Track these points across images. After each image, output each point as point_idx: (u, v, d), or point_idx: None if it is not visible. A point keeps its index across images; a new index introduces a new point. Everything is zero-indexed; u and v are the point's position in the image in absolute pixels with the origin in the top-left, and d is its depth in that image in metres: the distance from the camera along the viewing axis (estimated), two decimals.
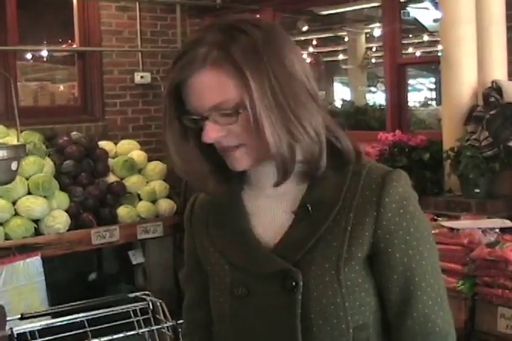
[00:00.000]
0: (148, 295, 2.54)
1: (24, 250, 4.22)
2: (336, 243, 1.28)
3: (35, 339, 2.38)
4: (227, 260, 1.38)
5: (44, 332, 2.58)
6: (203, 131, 1.29)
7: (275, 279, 1.29)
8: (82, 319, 2.46)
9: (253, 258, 1.33)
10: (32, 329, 2.41)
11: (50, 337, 2.53)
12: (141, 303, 2.56)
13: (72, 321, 2.47)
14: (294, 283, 1.27)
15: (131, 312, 2.53)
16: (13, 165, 2.83)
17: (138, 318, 2.52)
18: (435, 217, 3.63)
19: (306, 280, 1.28)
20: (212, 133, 1.28)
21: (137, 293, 2.55)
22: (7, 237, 4.31)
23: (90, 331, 2.41)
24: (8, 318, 2.42)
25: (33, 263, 4.22)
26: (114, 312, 2.51)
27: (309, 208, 1.29)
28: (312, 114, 1.28)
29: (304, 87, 1.28)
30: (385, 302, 1.32)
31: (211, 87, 1.26)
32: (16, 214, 4.40)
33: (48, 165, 4.64)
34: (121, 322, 2.50)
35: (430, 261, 1.30)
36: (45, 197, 4.48)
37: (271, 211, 1.35)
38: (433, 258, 1.31)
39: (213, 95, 1.26)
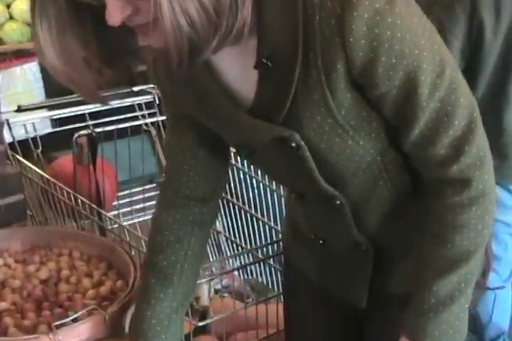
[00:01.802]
0: (153, 88, 2.36)
1: (21, 55, 4.02)
2: (316, 96, 1.08)
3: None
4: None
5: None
6: (106, 12, 0.98)
7: (275, 146, 1.14)
8: (83, 112, 2.29)
9: (243, 132, 1.18)
10: (29, 121, 2.25)
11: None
12: (146, 97, 2.40)
13: (72, 114, 2.30)
14: (294, 144, 1.12)
15: (136, 106, 2.38)
16: None
17: (143, 112, 2.38)
18: None
19: (305, 135, 1.12)
20: (116, 12, 0.98)
21: (143, 87, 2.36)
22: (2, 42, 4.08)
23: (92, 125, 2.26)
24: (2, 110, 2.26)
25: (31, 69, 4.03)
26: (117, 105, 2.33)
27: (268, 63, 1.07)
28: None
29: None
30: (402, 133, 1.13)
31: None
32: (11, 17, 4.16)
33: None
34: (125, 116, 2.35)
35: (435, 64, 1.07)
36: None
37: (235, 70, 1.14)
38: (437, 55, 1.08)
39: None
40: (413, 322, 1.17)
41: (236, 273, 2.02)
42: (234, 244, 2.22)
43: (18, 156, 2.10)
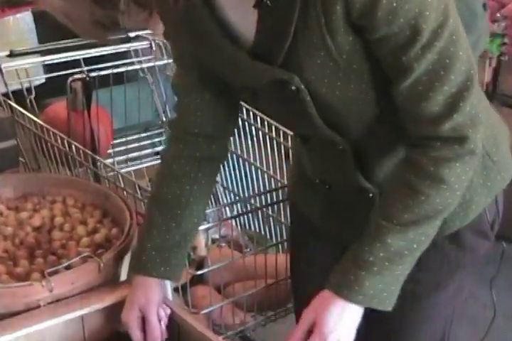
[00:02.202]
0: (150, 34, 2.29)
1: (13, 5, 3.92)
2: (315, 39, 1.04)
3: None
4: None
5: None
6: None
7: (275, 89, 1.11)
8: (78, 57, 2.22)
9: (242, 73, 1.14)
10: (21, 66, 2.19)
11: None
12: (142, 43, 2.33)
13: (66, 59, 2.23)
14: (294, 88, 1.09)
15: (132, 53, 2.31)
16: None
17: (139, 58, 2.31)
18: None
19: (305, 78, 1.08)
20: None
21: (139, 32, 2.28)
22: None
23: (87, 70, 2.19)
24: None
25: (24, 19, 3.94)
26: (112, 51, 2.27)
27: (268, 2, 1.04)
28: None
29: None
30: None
31: None
32: None
33: None
34: (122, 62, 2.28)
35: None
36: None
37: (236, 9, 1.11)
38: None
39: None
40: (347, 274, 1.13)
41: (234, 224, 1.99)
42: (232, 194, 2.17)
43: (10, 102, 2.05)
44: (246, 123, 1.98)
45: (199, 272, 1.56)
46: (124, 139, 2.35)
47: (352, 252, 1.14)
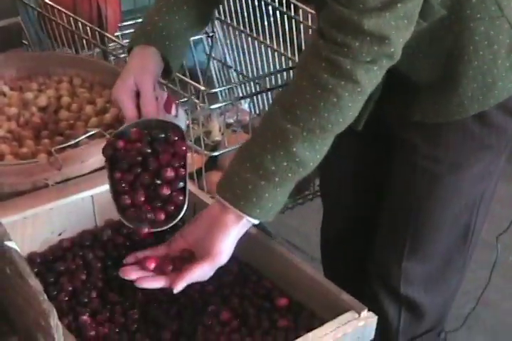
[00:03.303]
0: None
1: None
2: None
3: None
4: None
5: None
6: None
7: None
8: None
9: None
10: None
11: None
12: None
13: None
14: None
15: None
16: None
17: None
18: None
19: None
20: None
21: None
22: None
23: None
24: None
25: None
26: None
27: None
28: None
29: None
30: None
31: None
32: None
33: None
34: None
35: None
36: None
37: None
38: None
39: None
40: (245, 184, 1.01)
41: (247, 108, 1.90)
42: (246, 79, 2.08)
43: None
44: (262, 2, 1.87)
45: (215, 153, 1.49)
46: (132, 22, 2.22)
47: (249, 158, 1.02)
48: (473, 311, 1.84)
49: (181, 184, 1.08)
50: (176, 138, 1.10)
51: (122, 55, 1.68)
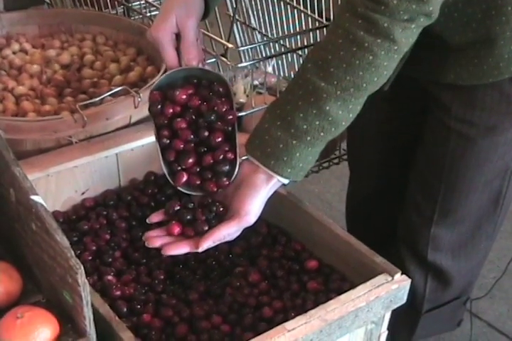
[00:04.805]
0: None
1: None
2: None
3: None
4: None
5: None
6: None
7: None
8: None
9: None
10: None
11: None
12: None
13: None
14: None
15: None
16: None
17: None
18: None
19: None
20: None
21: None
22: None
23: None
24: None
25: None
26: None
27: None
28: None
29: None
30: None
31: None
32: None
33: None
34: None
35: None
36: None
37: None
38: None
39: None
40: (276, 142, 0.97)
41: (271, 72, 1.86)
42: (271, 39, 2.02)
43: None
44: None
45: (241, 113, 1.45)
46: None
47: (280, 116, 0.98)
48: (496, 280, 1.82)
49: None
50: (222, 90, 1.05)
51: (147, 14, 1.64)
